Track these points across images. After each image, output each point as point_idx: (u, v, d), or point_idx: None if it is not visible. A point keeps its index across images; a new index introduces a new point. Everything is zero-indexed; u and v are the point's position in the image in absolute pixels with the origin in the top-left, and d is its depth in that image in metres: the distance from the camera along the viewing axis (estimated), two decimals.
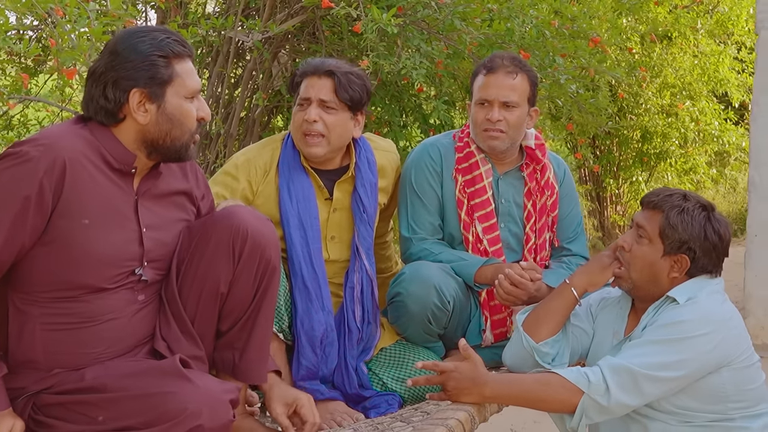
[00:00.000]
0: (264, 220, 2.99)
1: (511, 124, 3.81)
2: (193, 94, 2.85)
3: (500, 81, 3.81)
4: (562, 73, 5.90)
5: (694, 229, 3.16)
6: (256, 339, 3.00)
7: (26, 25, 5.74)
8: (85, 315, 2.78)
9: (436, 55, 5.83)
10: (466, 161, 3.91)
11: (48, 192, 2.64)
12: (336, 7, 5.40)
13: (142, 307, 2.89)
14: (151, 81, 2.76)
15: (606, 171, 11.44)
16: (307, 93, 3.62)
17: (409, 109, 7.38)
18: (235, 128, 6.94)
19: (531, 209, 3.95)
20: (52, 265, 2.72)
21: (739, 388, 3.13)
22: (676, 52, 10.72)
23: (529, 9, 5.78)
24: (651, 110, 10.81)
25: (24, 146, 2.67)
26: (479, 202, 3.88)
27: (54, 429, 2.75)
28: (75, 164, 2.69)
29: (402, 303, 3.67)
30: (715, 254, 3.21)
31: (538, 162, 3.95)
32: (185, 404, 2.62)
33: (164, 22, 6.70)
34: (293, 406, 3.12)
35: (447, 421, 3.11)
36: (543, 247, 3.99)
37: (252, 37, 6.08)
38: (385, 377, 3.70)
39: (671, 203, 3.21)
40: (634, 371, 3.06)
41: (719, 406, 3.14)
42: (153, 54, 2.75)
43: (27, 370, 2.79)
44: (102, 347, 2.81)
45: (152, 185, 2.90)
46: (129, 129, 2.80)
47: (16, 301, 2.78)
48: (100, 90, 2.77)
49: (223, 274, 2.89)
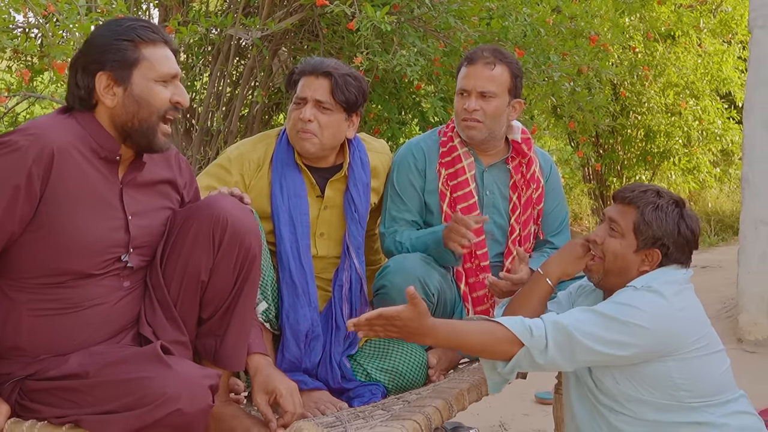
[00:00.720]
0: (245, 209, 3.04)
1: (488, 113, 3.87)
2: (165, 78, 2.89)
3: (478, 72, 3.88)
4: (555, 70, 5.95)
5: (668, 225, 3.19)
6: (236, 326, 3.05)
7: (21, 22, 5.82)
8: (72, 301, 2.84)
9: (432, 53, 5.89)
10: (449, 155, 3.98)
11: (36, 180, 2.70)
12: (330, 5, 5.47)
13: (128, 293, 2.95)
14: (116, 64, 2.82)
15: (609, 169, 11.44)
16: (303, 92, 3.68)
17: (408, 106, 7.45)
18: (235, 125, 7.01)
19: (516, 201, 4.00)
20: (40, 251, 2.78)
21: (688, 377, 3.13)
22: (679, 51, 10.73)
23: (522, 7, 5.82)
24: (654, 109, 10.83)
25: (13, 136, 2.73)
26: (461, 195, 3.94)
27: (39, 413, 2.81)
28: (63, 153, 2.75)
29: (386, 295, 3.71)
30: (687, 248, 3.24)
31: (524, 155, 4.01)
32: (164, 389, 2.66)
33: (166, 20, 6.77)
34: (273, 395, 3.14)
35: (424, 408, 3.17)
36: (527, 238, 4.03)
37: (251, 35, 6.15)
38: (369, 368, 3.75)
39: (646, 200, 3.23)
40: (574, 336, 3.07)
41: (668, 393, 3.14)
42: (119, 38, 2.82)
43: (13, 356, 2.85)
44: (87, 332, 2.86)
45: (137, 174, 2.96)
46: (102, 114, 2.87)
47: (4, 287, 2.84)
48: (73, 77, 2.86)
49: (203, 262, 2.94)
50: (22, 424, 2.79)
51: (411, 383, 3.75)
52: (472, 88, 3.88)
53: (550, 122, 10.31)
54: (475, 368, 3.70)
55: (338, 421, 3.29)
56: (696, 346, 3.15)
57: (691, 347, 3.13)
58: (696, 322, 3.19)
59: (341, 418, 3.33)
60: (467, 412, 4.02)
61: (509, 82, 3.90)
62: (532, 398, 5.44)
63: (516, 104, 3.96)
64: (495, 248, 4.00)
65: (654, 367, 3.13)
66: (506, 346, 3.09)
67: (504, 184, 4.02)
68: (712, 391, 3.18)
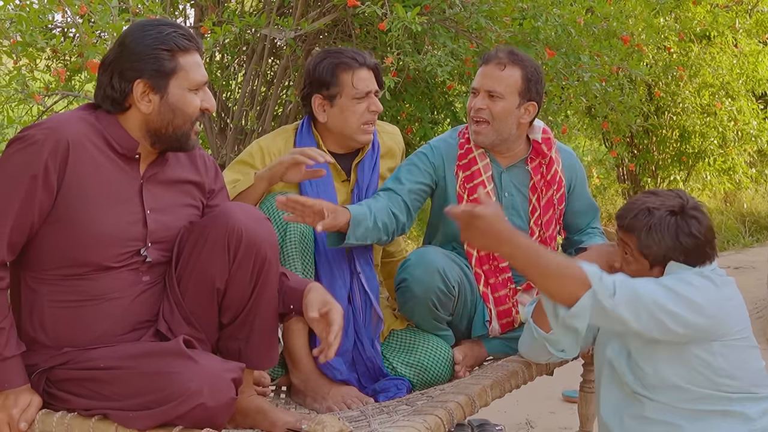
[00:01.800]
0: (259, 219, 3.07)
1: (495, 114, 3.85)
2: (198, 86, 2.96)
3: (489, 71, 3.87)
4: (586, 70, 5.96)
5: (667, 242, 3.25)
6: (258, 329, 3.10)
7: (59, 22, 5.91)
8: (91, 293, 2.91)
9: (463, 53, 5.92)
10: (465, 157, 3.98)
11: (53, 172, 2.79)
12: (362, 5, 5.52)
13: (147, 288, 3.01)
14: (154, 73, 2.89)
15: (644, 170, 11.40)
16: (367, 86, 3.80)
17: (440, 106, 7.49)
18: (269, 124, 7.06)
19: (536, 203, 4.00)
20: (58, 243, 2.86)
21: (732, 364, 3.20)
22: (715, 52, 10.69)
23: (552, 8, 5.84)
24: (688, 109, 10.78)
25: (31, 130, 2.83)
26: (477, 198, 3.92)
27: (67, 403, 2.89)
28: (78, 146, 2.83)
29: (407, 288, 3.76)
30: (698, 250, 3.28)
31: (544, 156, 3.99)
32: (188, 384, 2.72)
33: (201, 20, 6.84)
34: (324, 309, 3.11)
35: (447, 404, 3.22)
36: (552, 239, 4.04)
37: (285, 35, 6.21)
38: (395, 362, 3.80)
39: (639, 224, 3.29)
40: (642, 297, 3.13)
41: (710, 380, 3.20)
42: (158, 47, 2.88)
43: (38, 347, 2.93)
44: (107, 325, 2.93)
45: (159, 171, 3.04)
46: (134, 117, 2.94)
47: (28, 279, 2.93)
48: (107, 79, 2.91)
49: (218, 271, 2.97)
50: (53, 416, 2.86)
51: (436, 378, 3.80)
52: (481, 87, 3.88)
53: (584, 122, 10.31)
54: (500, 365, 3.74)
55: (362, 415, 3.35)
56: (741, 335, 3.24)
57: (736, 335, 3.22)
58: (741, 311, 3.28)
59: (366, 413, 3.39)
60: (494, 409, 4.07)
61: (520, 84, 3.86)
62: (558, 396, 5.47)
63: (530, 107, 3.90)
64: None
65: (700, 350, 3.20)
66: (575, 285, 3.12)
67: (524, 185, 4.02)
68: (751, 385, 3.25)
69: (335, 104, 3.79)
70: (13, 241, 2.82)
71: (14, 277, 2.94)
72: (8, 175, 2.80)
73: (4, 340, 2.83)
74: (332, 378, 3.67)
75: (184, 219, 3.07)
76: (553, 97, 6.34)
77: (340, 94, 3.77)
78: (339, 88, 3.77)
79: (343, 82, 3.76)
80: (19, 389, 2.86)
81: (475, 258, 3.95)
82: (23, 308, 2.94)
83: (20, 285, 2.94)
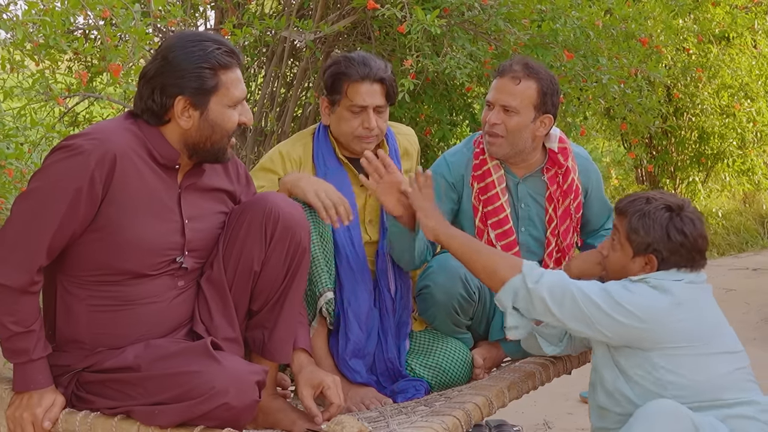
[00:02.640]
0: (295, 205, 3.17)
1: (509, 128, 3.82)
2: (237, 102, 3.01)
3: (503, 85, 3.83)
4: (604, 73, 5.97)
5: (656, 231, 3.26)
6: (284, 319, 3.16)
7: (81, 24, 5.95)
8: (128, 298, 2.97)
9: (482, 55, 5.94)
10: (480, 168, 3.96)
11: (99, 183, 2.83)
12: (381, 8, 5.55)
13: (181, 292, 3.07)
14: (196, 90, 2.93)
15: (662, 171, 11.37)
16: (363, 101, 3.76)
17: (458, 108, 7.51)
18: (288, 126, 7.11)
19: (552, 213, 3.98)
20: (99, 251, 2.91)
21: (680, 375, 3.19)
22: (734, 53, 10.66)
23: (570, 10, 5.85)
24: (707, 110, 10.76)
25: (77, 139, 2.86)
26: (492, 209, 3.93)
27: (93, 404, 2.95)
28: (124, 158, 2.87)
29: (429, 294, 3.79)
30: (684, 251, 3.27)
31: (561, 166, 3.96)
32: (212, 383, 2.79)
33: (222, 22, 6.89)
34: (319, 388, 3.21)
35: (465, 405, 3.25)
36: (569, 248, 4.04)
37: (305, 37, 6.26)
38: (414, 363, 3.83)
39: (634, 208, 3.32)
40: (570, 288, 3.22)
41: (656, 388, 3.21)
42: (200, 65, 2.91)
43: (73, 348, 2.99)
44: (144, 329, 2.99)
45: (196, 180, 3.09)
46: (173, 131, 2.98)
47: (65, 282, 2.98)
48: (148, 92, 2.95)
49: (255, 253, 3.06)
50: (76, 415, 2.91)
51: (454, 380, 3.83)
52: (496, 101, 3.84)
53: (603, 123, 10.30)
54: (517, 367, 3.77)
55: (381, 415, 3.39)
56: (686, 344, 3.21)
57: (680, 344, 3.20)
58: (693, 321, 3.24)
59: (384, 413, 3.43)
60: (512, 410, 4.09)
61: (535, 97, 3.81)
62: (576, 397, 5.48)
63: (545, 119, 3.86)
64: (531, 260, 4.00)
65: (638, 356, 3.23)
66: (507, 270, 3.31)
67: (540, 195, 4.00)
68: (716, 391, 3.20)
69: (334, 111, 3.81)
70: (52, 247, 2.87)
71: (50, 279, 2.99)
72: (52, 182, 2.84)
73: (33, 341, 2.88)
74: (351, 380, 3.71)
75: (217, 226, 3.13)
76: (571, 99, 6.35)
77: (339, 103, 3.78)
78: (339, 96, 3.78)
79: (342, 91, 3.76)
80: (43, 389, 2.92)
81: None
82: (59, 310, 2.99)
83: (56, 287, 2.99)
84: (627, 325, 3.18)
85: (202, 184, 3.11)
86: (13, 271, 2.84)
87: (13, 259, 2.84)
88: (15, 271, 2.84)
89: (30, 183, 2.90)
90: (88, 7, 3.62)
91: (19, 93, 3.98)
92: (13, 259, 2.84)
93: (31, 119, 4.21)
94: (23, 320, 2.86)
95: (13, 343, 2.88)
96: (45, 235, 2.83)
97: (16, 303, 2.85)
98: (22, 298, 2.85)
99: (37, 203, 2.84)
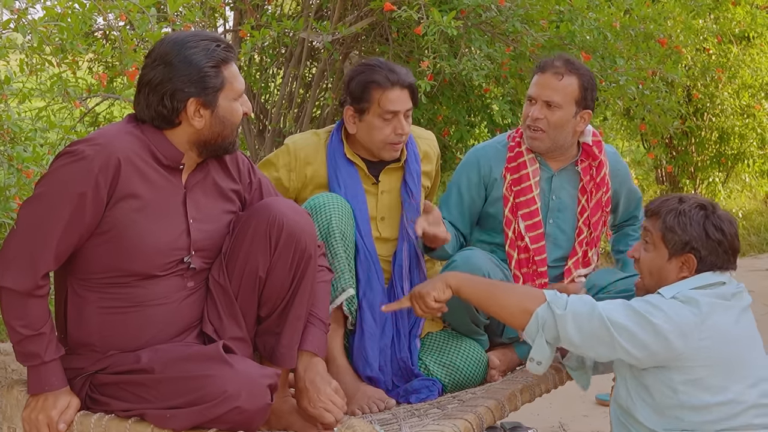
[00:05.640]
0: (300, 211, 3.18)
1: (552, 123, 3.92)
2: (240, 94, 3.06)
3: (546, 81, 3.93)
4: (621, 74, 5.96)
5: (694, 229, 3.20)
6: (291, 325, 3.17)
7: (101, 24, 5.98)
8: (138, 299, 3.00)
9: (499, 57, 5.94)
10: (515, 161, 4.05)
11: (103, 188, 2.86)
12: (398, 9, 5.57)
13: (191, 293, 3.10)
14: (206, 91, 2.96)
15: (682, 171, 11.33)
16: (395, 107, 3.80)
17: (476, 109, 7.51)
18: (306, 126, 7.11)
19: (585, 204, 4.06)
20: (106, 254, 2.94)
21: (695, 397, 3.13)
22: (754, 53, 10.61)
23: (588, 11, 5.84)
24: (727, 111, 10.71)
25: (80, 145, 2.90)
26: (524, 201, 4.02)
27: (107, 406, 2.98)
28: (127, 162, 2.90)
29: None
30: (722, 250, 3.22)
31: (594, 158, 4.06)
32: (225, 387, 2.82)
33: (240, 23, 6.91)
34: None
35: (477, 408, 3.27)
36: (596, 240, 4.10)
37: (323, 38, 6.27)
38: (428, 361, 3.86)
39: (667, 207, 3.26)
40: (597, 310, 3.14)
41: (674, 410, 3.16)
42: (206, 65, 2.95)
43: (85, 351, 3.02)
44: (155, 330, 3.02)
45: (200, 179, 3.11)
46: (183, 132, 3.02)
47: (75, 285, 3.01)
48: (157, 99, 2.96)
49: (261, 260, 3.07)
50: (91, 417, 2.94)
51: (468, 380, 3.85)
52: (538, 97, 3.94)
53: (622, 124, 10.28)
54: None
55: (393, 418, 3.41)
56: (706, 365, 3.13)
57: (697, 364, 3.13)
58: (715, 342, 3.14)
59: (397, 415, 3.45)
60: (527, 412, 4.11)
61: (577, 93, 3.93)
62: (592, 400, 5.48)
63: (585, 115, 3.98)
64: (556, 252, 4.08)
65: (660, 375, 3.15)
66: (533, 301, 3.23)
67: (574, 187, 4.08)
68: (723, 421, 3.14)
69: (363, 119, 3.82)
70: (59, 252, 2.90)
71: (60, 283, 3.03)
72: (57, 188, 2.87)
73: (44, 344, 2.91)
74: (362, 372, 3.73)
75: (224, 226, 3.16)
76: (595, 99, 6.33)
77: (369, 111, 3.80)
78: (368, 104, 3.79)
79: (372, 99, 3.79)
80: (58, 391, 2.95)
81: (515, 261, 4.03)
82: (70, 313, 3.02)
83: (67, 290, 3.03)
84: (655, 343, 3.10)
85: (207, 183, 3.14)
86: (18, 275, 2.87)
87: (18, 264, 2.88)
88: (20, 275, 2.87)
89: (35, 188, 2.93)
90: (105, 10, 3.64)
91: (38, 95, 4.01)
92: (18, 263, 2.88)
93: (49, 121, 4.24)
94: (32, 323, 2.90)
95: (24, 346, 2.91)
96: (50, 240, 2.86)
97: (24, 307, 2.89)
98: (29, 301, 2.89)
99: (42, 208, 2.87)
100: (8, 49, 3.44)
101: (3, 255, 2.91)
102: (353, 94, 3.84)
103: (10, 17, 3.45)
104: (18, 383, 3.09)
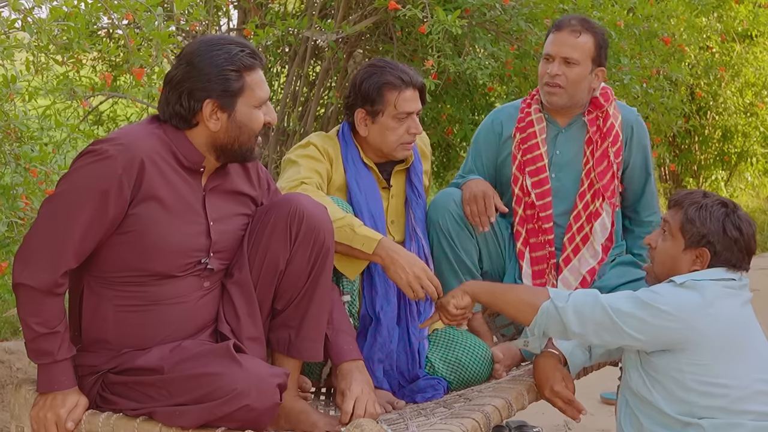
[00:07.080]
0: (319, 205, 3.19)
1: (570, 79, 3.98)
2: (262, 102, 3.05)
3: (563, 38, 3.99)
4: (626, 73, 5.97)
5: (713, 224, 3.25)
6: (312, 317, 3.19)
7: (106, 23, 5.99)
8: (154, 298, 3.00)
9: (503, 56, 5.95)
10: (524, 120, 4.14)
11: (127, 188, 2.87)
12: (402, 8, 5.57)
13: (207, 293, 3.10)
14: (223, 93, 2.96)
15: (686, 170, 11.35)
16: (410, 107, 3.80)
17: (480, 108, 7.52)
18: (310, 125, 7.13)
19: (589, 155, 4.08)
20: (126, 252, 2.95)
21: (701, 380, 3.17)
22: (757, 51, 10.61)
23: (592, 10, 5.85)
24: (730, 109, 10.71)
25: (104, 144, 2.90)
26: (530, 158, 4.09)
27: (117, 405, 2.98)
28: (150, 162, 2.91)
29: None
30: (737, 248, 3.26)
31: (601, 108, 4.09)
32: (234, 385, 2.82)
33: (244, 22, 6.92)
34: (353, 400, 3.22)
35: (484, 407, 3.26)
36: (606, 189, 4.07)
37: (327, 37, 6.28)
38: (433, 358, 3.84)
39: (691, 200, 3.31)
40: (599, 300, 3.24)
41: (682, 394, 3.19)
42: (226, 68, 2.95)
43: (99, 348, 3.03)
44: (171, 329, 3.02)
45: (220, 182, 3.12)
46: (201, 134, 3.02)
47: (91, 283, 3.01)
48: (176, 97, 2.98)
49: (281, 252, 3.09)
50: (99, 416, 2.94)
51: (474, 377, 3.85)
52: (556, 54, 3.99)
53: None
54: None
55: (400, 417, 3.40)
56: (713, 348, 3.18)
57: (705, 347, 3.17)
58: (722, 326, 3.19)
59: (403, 415, 3.44)
60: (533, 411, 4.10)
61: (593, 50, 3.99)
62: (597, 398, 5.47)
63: (599, 72, 4.04)
64: (561, 206, 4.11)
65: (668, 358, 3.20)
66: (537, 298, 3.35)
67: (580, 139, 4.12)
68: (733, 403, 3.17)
69: (377, 121, 3.80)
70: (80, 250, 2.90)
71: (76, 280, 3.03)
72: (79, 187, 2.87)
73: (58, 343, 2.92)
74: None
75: (240, 228, 3.17)
76: None
77: (383, 113, 3.78)
78: (382, 106, 3.78)
79: (387, 101, 3.77)
80: (67, 390, 2.95)
81: (519, 216, 4.11)
82: (85, 310, 3.03)
83: (83, 287, 3.03)
84: (660, 326, 3.16)
85: (225, 186, 3.14)
86: (37, 272, 2.87)
87: (38, 261, 2.88)
88: (39, 272, 2.87)
89: (57, 186, 2.94)
90: (111, 9, 3.65)
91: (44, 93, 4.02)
92: (38, 260, 2.88)
93: (55, 120, 4.25)
94: (48, 321, 2.90)
95: (38, 344, 2.91)
96: (71, 238, 2.86)
97: (41, 304, 2.89)
98: (47, 299, 2.89)
99: (64, 206, 2.88)
100: (15, 48, 3.45)
101: (22, 252, 2.92)
102: (366, 97, 3.81)
103: (16, 17, 3.46)
104: (26, 382, 3.10)
